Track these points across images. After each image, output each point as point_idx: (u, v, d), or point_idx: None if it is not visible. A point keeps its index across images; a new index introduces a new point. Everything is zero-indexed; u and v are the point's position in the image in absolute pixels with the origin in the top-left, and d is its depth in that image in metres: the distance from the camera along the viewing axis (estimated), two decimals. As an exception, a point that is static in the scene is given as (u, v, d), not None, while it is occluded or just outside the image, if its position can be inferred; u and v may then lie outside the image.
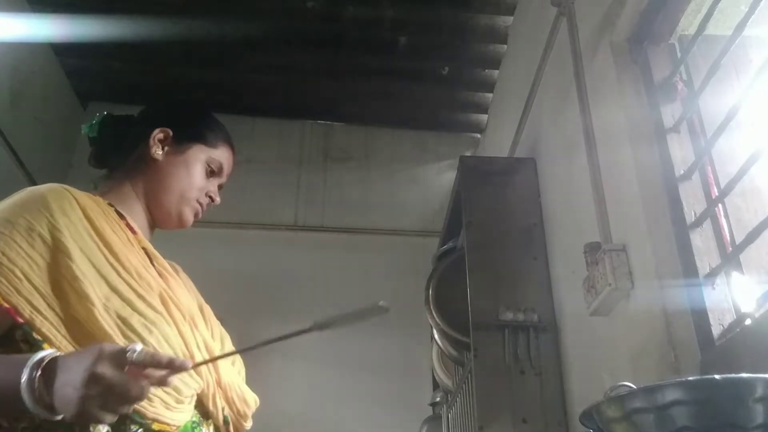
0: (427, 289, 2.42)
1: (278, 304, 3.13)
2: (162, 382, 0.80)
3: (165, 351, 0.91)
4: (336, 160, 3.86)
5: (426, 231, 3.51)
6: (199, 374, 0.98)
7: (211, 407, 1.01)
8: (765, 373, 0.68)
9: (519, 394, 1.90)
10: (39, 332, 0.84)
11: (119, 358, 0.74)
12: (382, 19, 3.16)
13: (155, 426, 0.89)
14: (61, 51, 3.37)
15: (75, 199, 0.98)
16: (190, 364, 0.82)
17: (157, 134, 1.14)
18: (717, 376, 0.67)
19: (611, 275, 1.49)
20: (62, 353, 0.79)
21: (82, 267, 0.89)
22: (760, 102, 1.37)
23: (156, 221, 1.15)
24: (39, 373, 0.74)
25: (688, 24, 1.60)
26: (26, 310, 0.83)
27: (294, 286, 3.27)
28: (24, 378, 0.73)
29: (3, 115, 2.93)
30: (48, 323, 0.85)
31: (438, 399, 2.86)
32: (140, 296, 0.93)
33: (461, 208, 2.29)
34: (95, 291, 0.88)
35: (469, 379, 2.11)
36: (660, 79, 1.61)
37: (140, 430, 0.88)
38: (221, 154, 1.19)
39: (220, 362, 1.03)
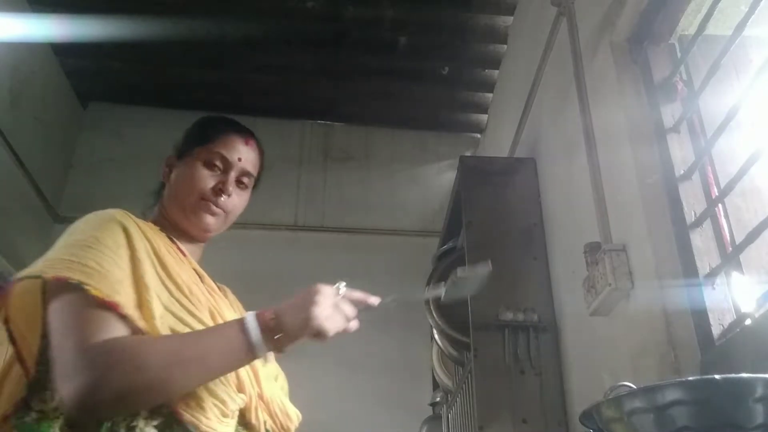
0: (427, 289, 2.42)
1: (278, 304, 3.12)
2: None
3: None
4: (336, 160, 3.86)
5: (426, 231, 3.51)
6: (242, 389, 0.99)
7: (253, 420, 1.02)
8: (765, 373, 0.68)
9: (519, 394, 1.90)
10: (139, 331, 0.88)
11: (332, 289, 0.98)
12: (382, 19, 3.17)
13: None
14: (61, 51, 3.37)
15: (135, 222, 1.03)
16: (377, 301, 1.04)
17: (165, 161, 1.20)
18: (717, 376, 0.67)
19: (611, 275, 1.49)
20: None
21: (148, 280, 0.94)
22: (760, 102, 1.37)
23: (190, 235, 1.16)
24: (265, 314, 0.92)
25: (688, 24, 1.60)
26: (129, 307, 0.89)
27: (294, 286, 3.27)
28: (250, 320, 0.91)
29: (3, 115, 2.93)
30: (141, 322, 0.90)
31: (438, 399, 2.86)
32: (191, 313, 0.97)
33: (461, 208, 2.29)
34: (155, 305, 0.93)
35: (469, 379, 2.11)
36: (660, 79, 1.61)
37: None
38: (219, 146, 1.15)
39: (262, 377, 1.06)
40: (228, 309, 1.11)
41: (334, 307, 0.96)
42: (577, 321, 1.86)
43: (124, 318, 0.87)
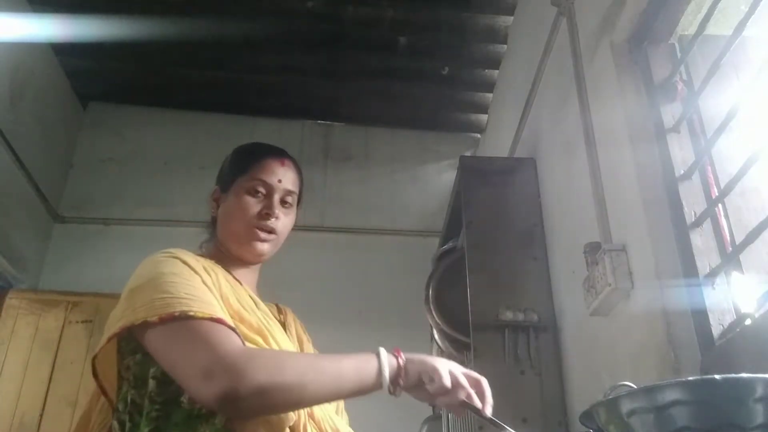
0: (427, 289, 2.42)
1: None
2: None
3: None
4: (336, 160, 3.86)
5: (426, 231, 3.51)
6: None
7: None
8: (765, 373, 0.68)
9: (519, 394, 1.90)
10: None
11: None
12: (382, 19, 3.17)
13: None
14: (61, 51, 3.37)
15: (190, 255, 1.07)
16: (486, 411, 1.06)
17: (211, 196, 1.24)
18: (717, 376, 0.67)
19: (611, 275, 1.49)
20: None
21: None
22: (760, 102, 1.37)
23: (245, 261, 1.19)
24: (398, 354, 0.99)
25: (688, 24, 1.61)
26: (230, 321, 0.94)
27: (294, 286, 3.27)
28: (386, 355, 0.98)
29: (3, 115, 2.93)
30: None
31: (438, 399, 2.85)
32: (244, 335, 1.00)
33: (461, 208, 2.29)
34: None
35: (469, 379, 2.11)
36: (660, 79, 1.61)
37: None
38: (259, 171, 1.19)
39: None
40: (281, 333, 1.13)
41: (460, 374, 1.01)
42: (577, 321, 1.86)
43: (234, 330, 0.92)
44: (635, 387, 0.75)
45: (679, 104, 1.56)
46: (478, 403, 1.02)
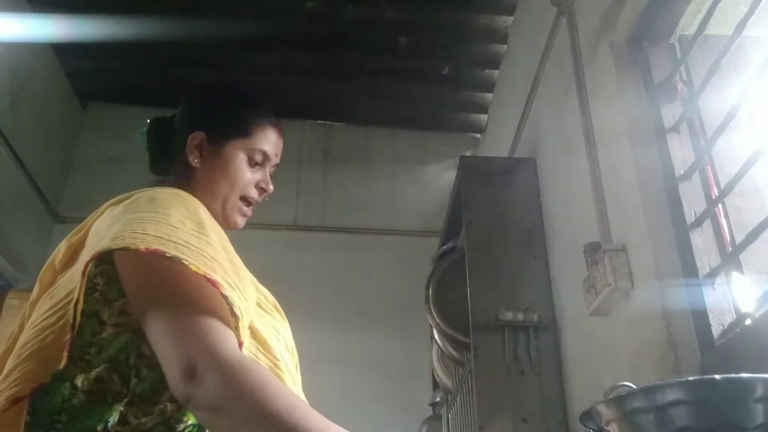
0: (427, 289, 2.42)
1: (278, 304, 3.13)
2: None
3: (278, 345, 0.95)
4: (336, 160, 3.86)
5: (426, 231, 3.51)
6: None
7: None
8: (765, 373, 0.68)
9: (519, 394, 1.90)
10: (235, 310, 0.80)
11: None
12: (382, 19, 3.17)
13: None
14: (61, 51, 3.37)
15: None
16: None
17: (193, 140, 1.09)
18: (717, 376, 0.67)
19: (611, 275, 1.49)
20: None
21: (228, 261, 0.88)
22: (760, 102, 1.37)
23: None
24: None
25: (688, 24, 1.61)
26: (225, 287, 0.81)
27: (294, 286, 3.27)
28: None
29: (3, 115, 2.93)
30: (238, 301, 0.82)
31: (438, 399, 2.86)
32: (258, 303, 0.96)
33: (461, 208, 2.29)
34: (249, 290, 0.90)
35: (469, 379, 2.11)
36: (660, 79, 1.61)
37: None
38: (262, 140, 1.10)
39: (294, 372, 1.00)
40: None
41: None
42: (577, 321, 1.86)
43: (225, 298, 0.80)
44: (635, 387, 0.75)
45: (679, 104, 1.56)
46: None
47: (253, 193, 1.11)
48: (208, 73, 3.58)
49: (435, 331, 2.46)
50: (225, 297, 0.79)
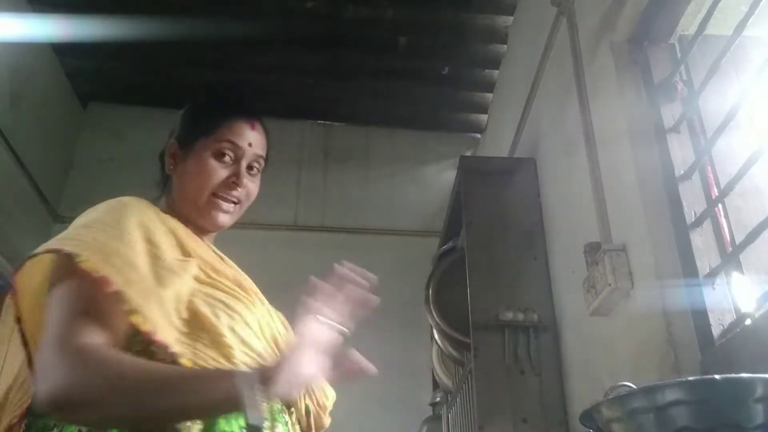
0: (427, 289, 2.42)
1: (278, 305, 3.12)
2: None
3: (245, 331, 0.97)
4: (336, 160, 3.86)
5: (426, 231, 3.51)
6: None
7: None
8: (765, 373, 0.68)
9: (519, 394, 1.90)
10: (129, 301, 0.84)
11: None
12: (382, 19, 3.17)
13: None
14: (61, 51, 3.37)
15: (149, 206, 1.02)
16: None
17: (168, 150, 1.13)
18: (717, 376, 0.67)
19: (611, 275, 1.49)
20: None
21: (169, 261, 0.92)
22: (760, 102, 1.37)
23: (202, 228, 1.11)
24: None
25: (688, 24, 1.61)
26: (120, 283, 0.84)
27: (294, 286, 3.28)
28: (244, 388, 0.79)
29: (3, 115, 2.93)
30: (136, 295, 0.85)
31: (438, 399, 2.86)
32: (219, 287, 0.97)
33: (461, 208, 2.29)
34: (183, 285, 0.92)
35: (469, 379, 2.11)
36: (660, 79, 1.61)
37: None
38: (227, 133, 1.09)
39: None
40: (250, 282, 1.09)
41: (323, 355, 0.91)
42: (577, 321, 1.86)
43: (116, 294, 0.82)
44: (635, 387, 0.76)
45: (679, 104, 1.56)
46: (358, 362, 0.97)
47: (224, 189, 1.08)
48: (208, 73, 3.58)
49: (435, 331, 2.46)
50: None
